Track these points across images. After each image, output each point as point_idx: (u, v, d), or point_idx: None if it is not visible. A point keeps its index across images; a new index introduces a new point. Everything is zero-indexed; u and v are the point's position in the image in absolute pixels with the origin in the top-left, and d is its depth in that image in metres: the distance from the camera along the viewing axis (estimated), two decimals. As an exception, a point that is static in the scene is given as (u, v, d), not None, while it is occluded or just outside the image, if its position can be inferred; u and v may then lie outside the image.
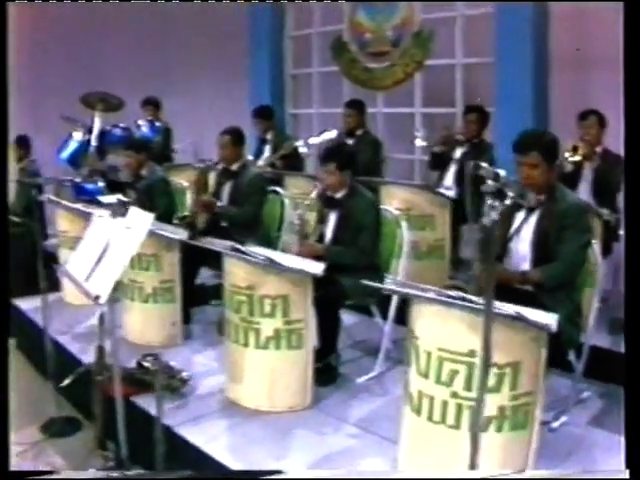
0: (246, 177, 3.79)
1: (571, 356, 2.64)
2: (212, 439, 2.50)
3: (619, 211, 3.43)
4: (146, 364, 3.01)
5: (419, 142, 4.12)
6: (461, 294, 2.02)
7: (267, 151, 5.05)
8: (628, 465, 1.78)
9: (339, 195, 3.07)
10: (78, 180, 4.75)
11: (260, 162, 5.07)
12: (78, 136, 5.17)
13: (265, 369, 2.69)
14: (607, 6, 3.46)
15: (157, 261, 3.33)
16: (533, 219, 2.57)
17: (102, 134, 4.99)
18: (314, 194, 3.04)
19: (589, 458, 2.36)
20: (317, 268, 2.60)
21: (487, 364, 1.61)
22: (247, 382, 2.72)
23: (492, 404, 2.00)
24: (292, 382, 2.70)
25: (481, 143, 4.13)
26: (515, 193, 2.18)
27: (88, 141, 5.01)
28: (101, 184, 5.10)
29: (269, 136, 5.05)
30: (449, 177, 4.14)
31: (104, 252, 2.29)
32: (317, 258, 2.80)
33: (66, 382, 3.08)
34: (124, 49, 6.03)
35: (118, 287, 3.49)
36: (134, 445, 2.55)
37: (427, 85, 4.83)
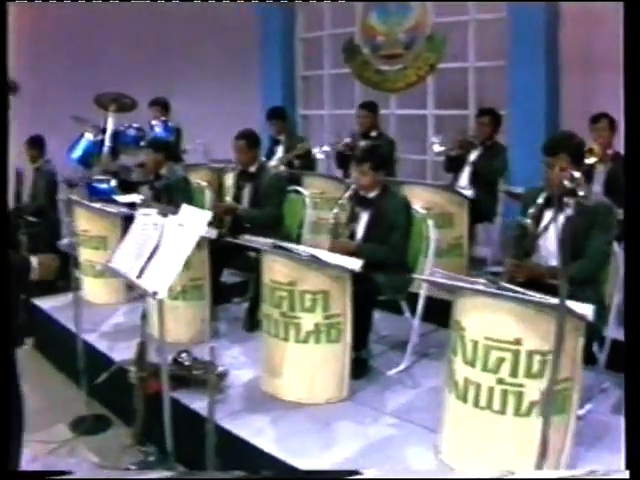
0: (265, 178, 3.91)
1: (594, 348, 2.81)
2: (257, 432, 2.61)
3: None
4: (181, 360, 3.12)
5: (437, 147, 4.28)
6: (508, 286, 2.17)
7: (280, 152, 5.17)
8: (628, 465, 1.80)
9: (371, 195, 3.21)
10: (100, 178, 4.84)
11: (272, 162, 5.19)
12: (89, 136, 5.27)
13: (305, 363, 2.81)
14: (614, 9, 3.63)
15: (187, 259, 3.42)
16: (561, 218, 2.74)
17: (116, 134, 5.09)
18: (347, 194, 3.17)
19: (618, 442, 2.51)
20: (355, 264, 2.73)
21: (558, 355, 1.75)
22: (286, 376, 2.84)
23: (535, 389, 2.15)
24: (330, 375, 2.83)
25: (494, 145, 4.30)
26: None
27: (101, 141, 5.10)
28: (113, 184, 5.21)
29: (282, 137, 5.18)
30: (464, 178, 4.31)
31: (156, 249, 2.40)
32: (349, 255, 2.93)
33: (101, 379, 3.17)
34: (132, 50, 6.10)
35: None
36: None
37: (439, 87, 5.00)
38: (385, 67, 5.18)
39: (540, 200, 2.68)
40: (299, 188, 4.09)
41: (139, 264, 2.41)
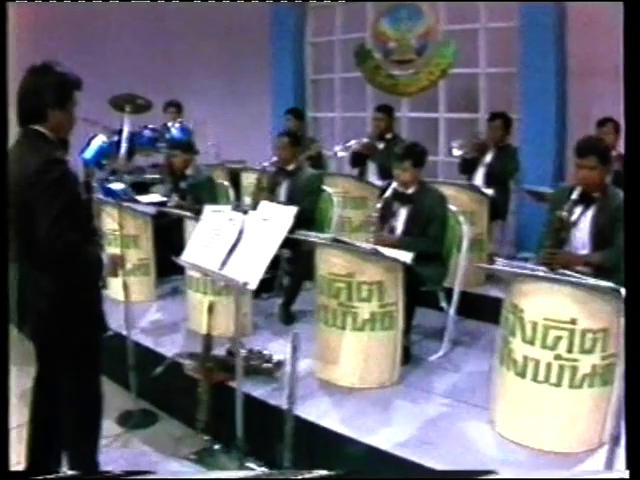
0: (303, 176, 4.20)
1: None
2: (323, 414, 2.86)
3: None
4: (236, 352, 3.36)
5: (456, 151, 4.63)
6: (564, 271, 2.51)
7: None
8: (628, 465, 1.85)
9: (410, 191, 3.53)
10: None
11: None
12: (102, 137, 5.45)
13: (360, 349, 3.09)
14: (620, 18, 4.03)
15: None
16: (590, 213, 3.10)
17: (132, 135, 5.28)
18: (389, 191, 3.48)
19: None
20: (407, 257, 3.05)
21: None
22: (342, 362, 3.11)
23: (587, 364, 2.49)
24: (383, 360, 3.12)
25: (507, 147, 4.67)
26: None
27: (117, 142, 5.28)
28: (124, 185, 5.40)
29: (296, 137, 5.43)
30: (478, 179, 4.67)
31: (236, 243, 2.64)
32: (392, 248, 3.22)
33: (157, 372, 3.37)
34: (142, 51, 6.28)
35: (191, 282, 3.87)
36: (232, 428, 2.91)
37: (451, 91, 5.36)
38: (397, 72, 5.52)
39: (574, 196, 3.04)
40: (326, 188, 4.36)
41: (219, 257, 2.64)
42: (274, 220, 2.55)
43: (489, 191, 4.30)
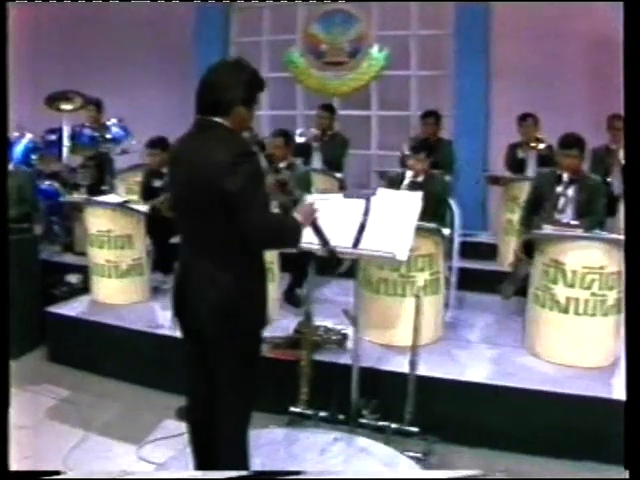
0: (296, 172, 4.88)
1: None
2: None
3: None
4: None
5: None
6: (598, 231, 3.68)
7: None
8: (628, 465, 1.95)
9: (420, 178, 4.47)
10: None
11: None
12: (29, 136, 5.48)
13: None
14: (542, 27, 5.33)
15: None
16: (571, 190, 4.32)
17: (72, 134, 5.39)
18: (408, 180, 4.38)
19: None
20: (446, 231, 4.00)
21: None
22: (402, 326, 3.90)
23: (612, 297, 3.65)
24: (433, 320, 4.01)
25: (440, 141, 5.81)
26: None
27: (55, 141, 5.36)
28: (56, 184, 5.53)
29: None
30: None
31: (363, 225, 3.17)
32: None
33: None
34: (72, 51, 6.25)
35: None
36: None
37: (383, 90, 6.36)
38: (328, 73, 6.35)
39: (565, 179, 4.25)
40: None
41: (349, 237, 3.19)
42: (400, 204, 3.25)
43: (447, 177, 5.41)
